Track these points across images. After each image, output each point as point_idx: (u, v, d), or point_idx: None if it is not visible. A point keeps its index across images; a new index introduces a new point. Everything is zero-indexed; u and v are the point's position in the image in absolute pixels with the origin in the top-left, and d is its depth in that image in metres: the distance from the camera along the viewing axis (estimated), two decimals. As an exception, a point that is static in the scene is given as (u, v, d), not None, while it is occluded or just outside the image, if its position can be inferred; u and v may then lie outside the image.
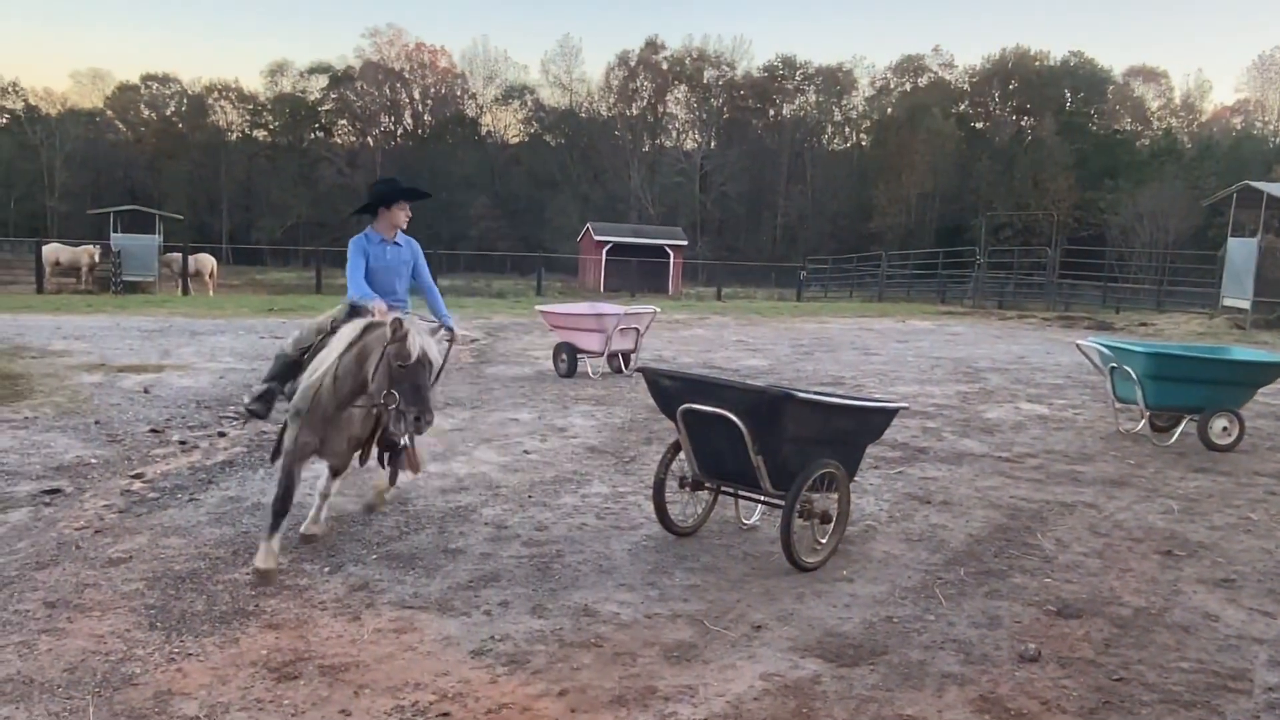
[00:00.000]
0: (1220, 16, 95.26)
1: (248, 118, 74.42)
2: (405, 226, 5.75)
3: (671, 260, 41.80)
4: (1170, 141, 63.92)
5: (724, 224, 70.13)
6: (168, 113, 72.51)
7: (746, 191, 69.30)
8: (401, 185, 5.74)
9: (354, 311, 5.23)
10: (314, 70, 73.50)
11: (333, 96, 73.07)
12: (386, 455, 5.54)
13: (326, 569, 4.90)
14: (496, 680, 3.79)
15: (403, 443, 5.38)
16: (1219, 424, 8.34)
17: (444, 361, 5.26)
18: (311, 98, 73.40)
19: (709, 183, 69.14)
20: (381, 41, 73.69)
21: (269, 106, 73.41)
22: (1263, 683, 4.00)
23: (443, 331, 5.24)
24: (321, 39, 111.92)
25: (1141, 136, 66.87)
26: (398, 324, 4.55)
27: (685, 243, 44.82)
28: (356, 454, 5.32)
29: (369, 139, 73.16)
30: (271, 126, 73.52)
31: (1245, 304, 22.45)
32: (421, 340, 4.57)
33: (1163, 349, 9.00)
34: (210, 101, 72.85)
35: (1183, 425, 8.54)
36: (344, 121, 74.33)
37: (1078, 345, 9.42)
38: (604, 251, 41.00)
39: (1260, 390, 9.06)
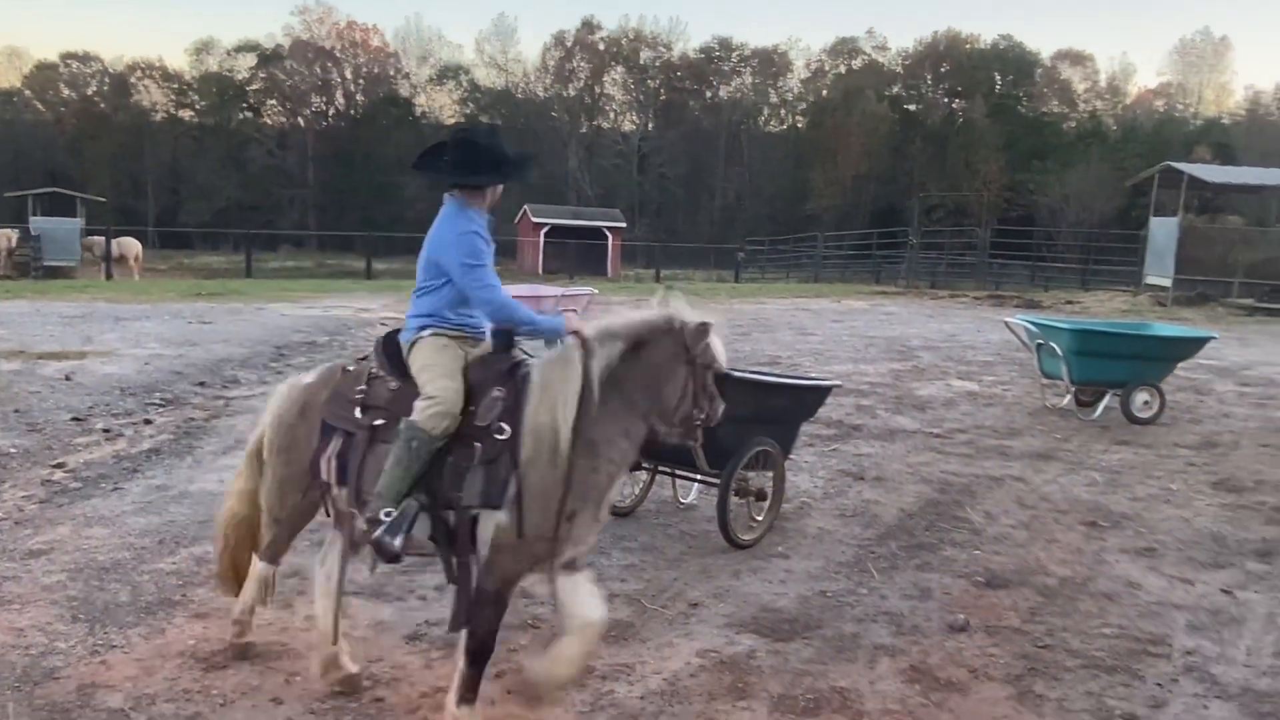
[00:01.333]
0: (1143, 1, 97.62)
1: (173, 97, 72.23)
2: None
3: (610, 242, 41.75)
4: (1096, 124, 65.40)
5: (662, 206, 70.15)
6: (89, 92, 70.08)
7: (684, 173, 69.36)
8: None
9: (505, 343, 3.46)
10: (241, 48, 71.58)
11: (261, 76, 71.27)
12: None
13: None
14: (431, 665, 3.76)
15: None
16: (1140, 398, 8.60)
17: None
18: (239, 77, 71.49)
19: (647, 164, 69.07)
20: (311, 19, 72.03)
21: (195, 86, 71.33)
22: (1181, 647, 4.14)
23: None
24: (248, 16, 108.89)
25: (1068, 119, 68.22)
26: (701, 324, 3.31)
27: (623, 224, 44.76)
28: None
29: (300, 119, 71.53)
30: (198, 106, 71.47)
31: (1167, 282, 23.13)
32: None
33: (1087, 326, 9.24)
34: (133, 80, 70.53)
35: (1106, 399, 8.78)
36: (273, 101, 72.56)
37: (1006, 323, 9.62)
38: (542, 233, 40.76)
39: (1180, 365, 9.36)
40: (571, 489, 3.15)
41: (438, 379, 3.31)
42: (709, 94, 74.77)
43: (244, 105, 71.44)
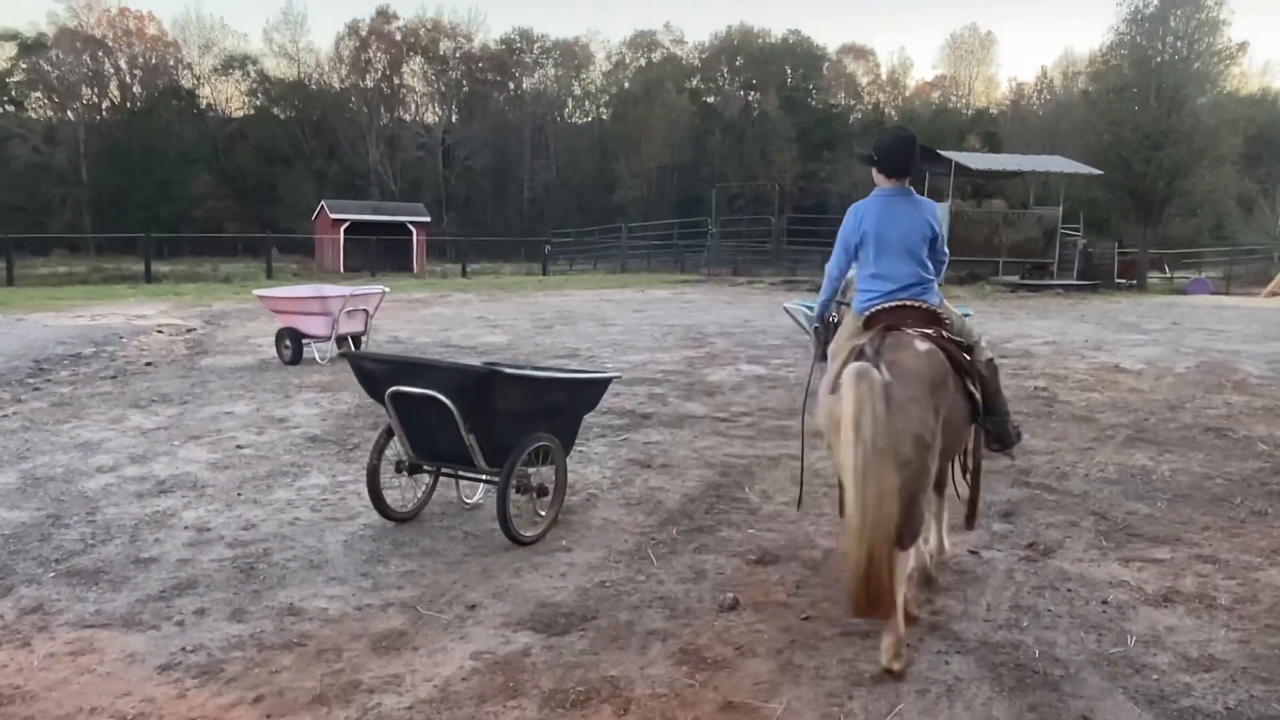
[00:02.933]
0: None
1: (-81, 91, 65.39)
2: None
3: (415, 237, 40.80)
4: (879, 115, 69.32)
5: (470, 199, 69.31)
6: None
7: (491, 165, 68.75)
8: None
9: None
10: (-2, 37, 65.55)
11: (23, 66, 65.49)
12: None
13: (-8, 594, 4.42)
14: (185, 694, 3.56)
15: None
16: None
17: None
18: (-3, 68, 65.45)
19: (452, 157, 68.02)
20: (78, 6, 66.75)
21: (-56, 78, 64.82)
22: (929, 608, 4.42)
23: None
24: (5, 3, 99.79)
25: (854, 110, 72.04)
26: None
27: (428, 219, 43.82)
28: None
29: (69, 113, 66.22)
30: (-52, 100, 65.00)
31: (942, 263, 24.79)
32: None
33: (859, 308, 9.75)
34: None
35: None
36: (39, 94, 66.85)
37: (785, 308, 10.04)
38: (342, 230, 39.37)
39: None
40: None
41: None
42: (512, 86, 74.40)
43: (4, 99, 65.46)
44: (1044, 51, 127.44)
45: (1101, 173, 26.54)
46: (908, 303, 4.38)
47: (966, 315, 9.66)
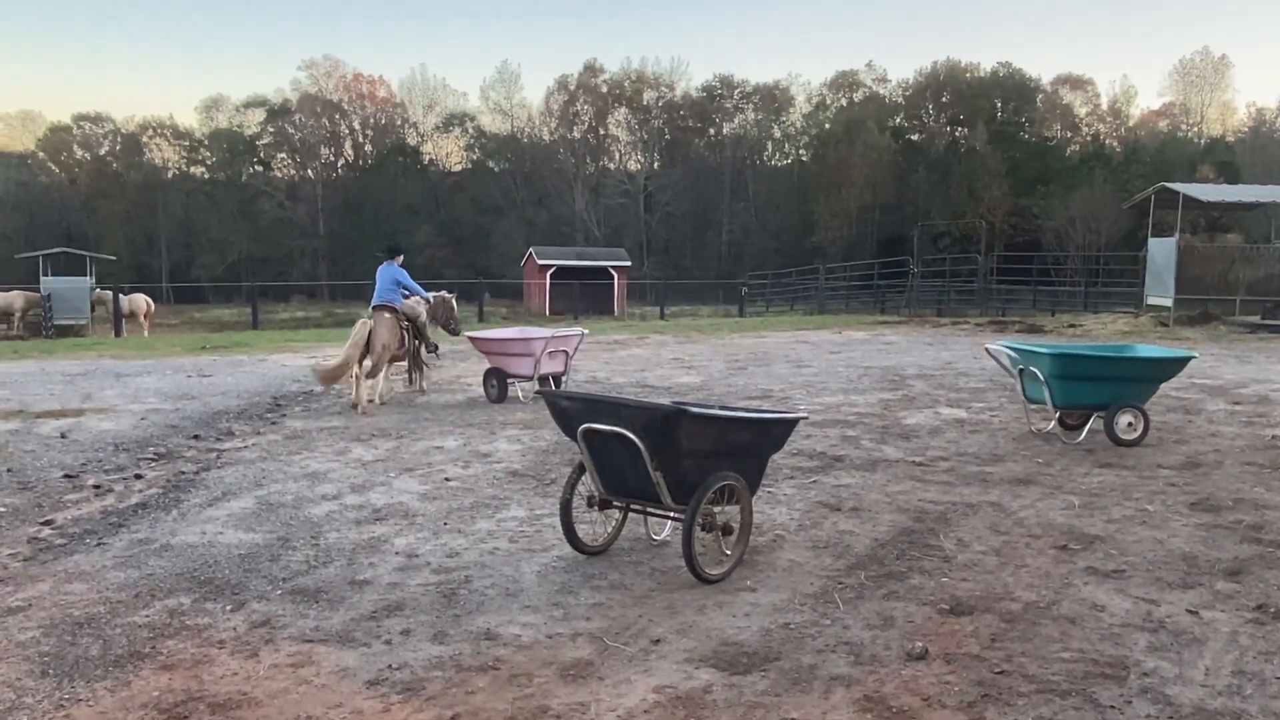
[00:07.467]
0: (1140, 23, 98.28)
1: (184, 154, 73.60)
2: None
3: (616, 281, 41.98)
4: (1099, 147, 65.58)
5: (670, 243, 70.56)
6: (101, 152, 71.42)
7: (691, 210, 69.85)
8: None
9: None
10: (250, 104, 72.95)
11: (270, 130, 72.49)
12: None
13: (229, 607, 4.89)
14: (389, 708, 3.81)
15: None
16: (1124, 420, 8.59)
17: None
18: (249, 132, 72.76)
19: (653, 203, 69.61)
20: (318, 73, 73.38)
21: (205, 142, 72.67)
22: (1139, 668, 4.14)
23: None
24: (257, 73, 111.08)
25: (1071, 143, 68.45)
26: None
27: (628, 263, 45.03)
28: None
29: (309, 171, 72.63)
30: (209, 162, 72.76)
31: (1167, 302, 23.08)
32: None
33: (1066, 350, 9.24)
34: (145, 139, 71.88)
35: (1091, 422, 8.78)
36: (283, 155, 73.73)
37: (987, 349, 9.64)
38: (548, 275, 41.08)
39: (1171, 385, 9.34)
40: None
41: None
42: (712, 131, 75.48)
43: (254, 159, 72.61)
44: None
45: (1356, 201, 24.00)
46: (386, 303, 11.51)
47: (1192, 358, 9.03)
